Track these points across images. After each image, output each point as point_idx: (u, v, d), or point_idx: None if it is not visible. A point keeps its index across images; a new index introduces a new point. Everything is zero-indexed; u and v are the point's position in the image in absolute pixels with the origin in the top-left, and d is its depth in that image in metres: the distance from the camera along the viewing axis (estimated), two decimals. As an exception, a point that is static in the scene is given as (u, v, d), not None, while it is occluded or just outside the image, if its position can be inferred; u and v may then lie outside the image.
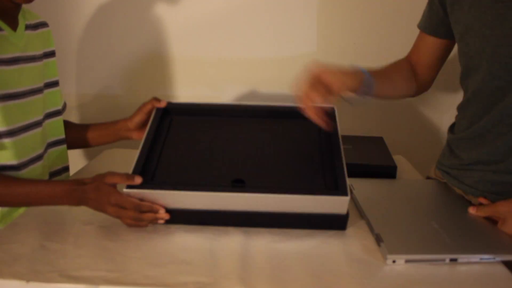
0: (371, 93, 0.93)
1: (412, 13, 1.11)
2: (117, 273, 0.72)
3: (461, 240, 0.81)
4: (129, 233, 0.84)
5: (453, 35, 0.98)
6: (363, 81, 0.90)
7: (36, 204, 0.89)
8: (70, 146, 1.18)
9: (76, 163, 1.39)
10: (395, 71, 1.06)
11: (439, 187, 1.04)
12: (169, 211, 0.85)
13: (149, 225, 0.86)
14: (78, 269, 0.73)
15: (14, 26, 0.98)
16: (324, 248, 0.81)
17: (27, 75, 1.00)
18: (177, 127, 1.02)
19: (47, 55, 1.10)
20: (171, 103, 1.06)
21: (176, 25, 1.51)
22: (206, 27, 1.51)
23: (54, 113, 1.11)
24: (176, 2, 1.49)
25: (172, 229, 0.86)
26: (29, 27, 1.04)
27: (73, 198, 0.85)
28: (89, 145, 1.19)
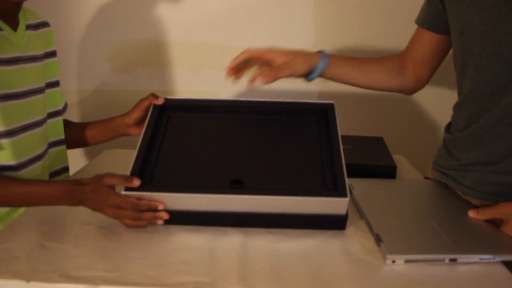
0: (322, 73, 1.00)
1: (411, 12, 1.10)
2: (116, 273, 0.72)
3: (461, 240, 0.81)
4: (128, 233, 0.84)
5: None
6: (318, 62, 0.95)
7: (35, 204, 0.89)
8: (70, 145, 1.18)
9: (76, 163, 1.39)
10: (373, 61, 1.08)
11: (439, 187, 1.03)
12: (168, 212, 0.85)
13: (149, 226, 0.86)
14: (78, 269, 0.73)
15: (15, 26, 0.98)
16: (324, 248, 0.81)
17: (28, 75, 1.00)
18: (175, 124, 1.00)
19: (48, 55, 1.10)
20: (169, 99, 1.04)
21: (175, 23, 1.51)
22: (205, 25, 1.51)
23: (54, 113, 1.11)
24: (175, 2, 1.49)
25: (171, 229, 0.86)
26: (30, 27, 1.03)
27: (72, 199, 0.85)
28: (88, 143, 1.19)
